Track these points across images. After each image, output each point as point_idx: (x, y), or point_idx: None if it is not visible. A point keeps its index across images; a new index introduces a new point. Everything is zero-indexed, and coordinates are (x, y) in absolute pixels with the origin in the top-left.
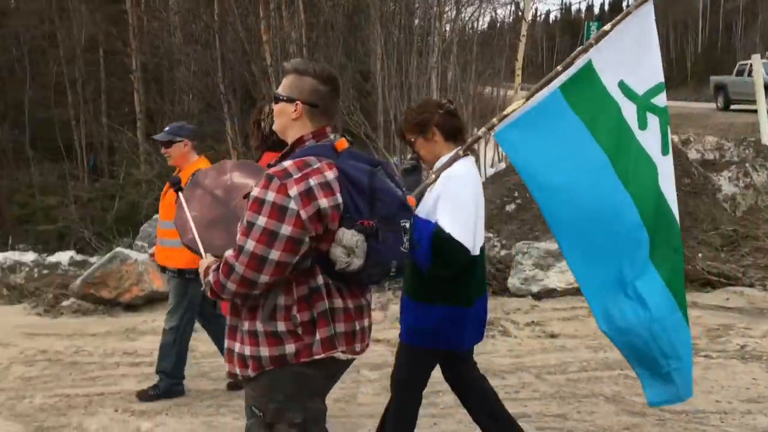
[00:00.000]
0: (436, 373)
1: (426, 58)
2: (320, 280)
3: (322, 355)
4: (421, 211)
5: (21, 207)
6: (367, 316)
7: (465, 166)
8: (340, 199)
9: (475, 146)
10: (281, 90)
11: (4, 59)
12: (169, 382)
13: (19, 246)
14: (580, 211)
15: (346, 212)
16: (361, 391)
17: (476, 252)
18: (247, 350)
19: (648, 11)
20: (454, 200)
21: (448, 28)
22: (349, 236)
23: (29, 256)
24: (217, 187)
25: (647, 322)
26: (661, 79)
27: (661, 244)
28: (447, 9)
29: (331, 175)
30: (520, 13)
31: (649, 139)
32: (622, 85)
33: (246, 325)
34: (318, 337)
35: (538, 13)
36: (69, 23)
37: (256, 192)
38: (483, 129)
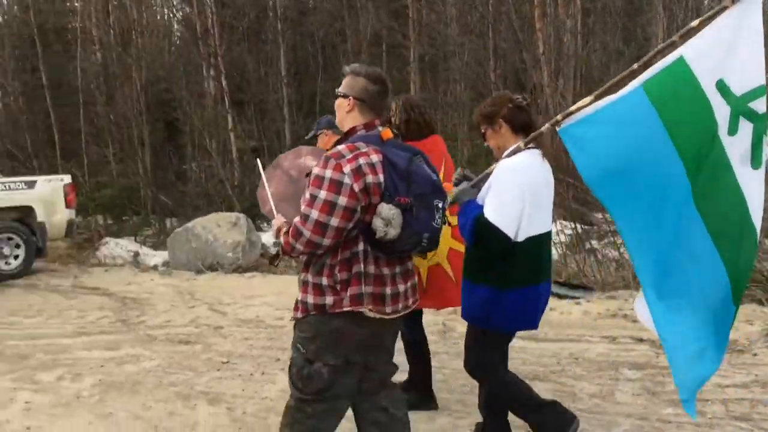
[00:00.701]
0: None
1: None
2: (360, 246)
3: (349, 308)
4: (480, 197)
5: None
6: (401, 284)
7: (523, 158)
8: (381, 178)
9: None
10: (340, 88)
11: (301, 55)
12: None
13: None
14: (645, 221)
15: (386, 190)
16: (619, 389)
17: (519, 239)
18: (300, 296)
19: (752, 5)
20: (500, 189)
21: None
22: (387, 210)
23: None
24: (292, 168)
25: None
26: (763, 81)
27: (734, 263)
28: None
29: (375, 158)
30: None
31: (736, 147)
32: (721, 85)
33: (302, 276)
34: (348, 293)
35: None
36: (356, 20)
37: (316, 171)
38: (547, 125)
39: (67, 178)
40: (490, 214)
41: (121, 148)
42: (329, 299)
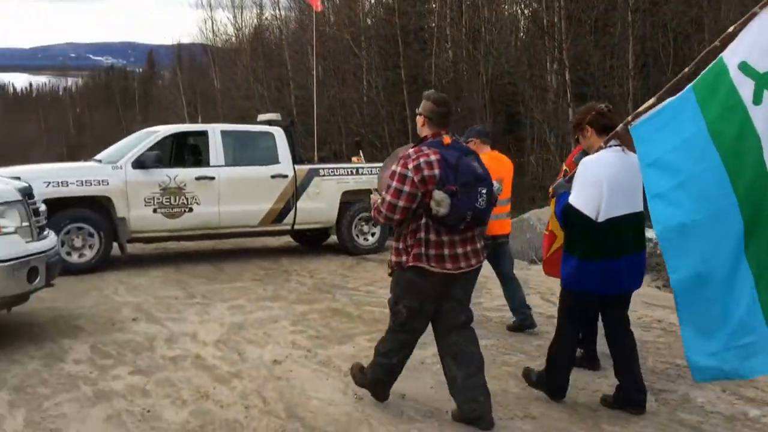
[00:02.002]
0: None
1: None
2: (423, 220)
3: (412, 264)
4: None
5: None
6: (459, 248)
7: (601, 154)
8: (436, 172)
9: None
10: (419, 108)
11: (650, 47)
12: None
13: None
14: (689, 220)
15: (440, 180)
16: None
17: (599, 219)
18: (389, 256)
19: None
20: (581, 179)
21: None
22: (438, 194)
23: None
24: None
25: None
26: None
27: (760, 241)
28: None
29: (433, 157)
30: None
31: (762, 114)
32: (743, 66)
33: (393, 241)
34: (412, 253)
35: None
36: (717, 7)
37: (394, 167)
38: (621, 125)
39: None
40: (573, 200)
41: (464, 141)
42: (403, 258)
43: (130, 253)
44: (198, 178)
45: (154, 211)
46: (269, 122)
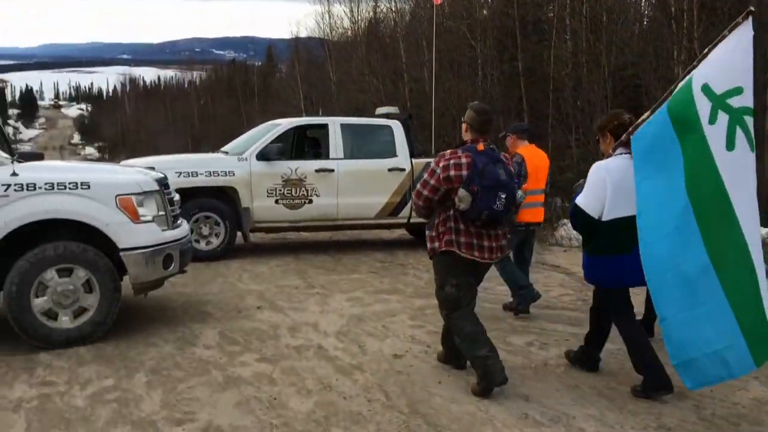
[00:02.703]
0: None
1: None
2: (451, 212)
3: (444, 248)
4: None
5: None
6: (486, 241)
7: (610, 160)
8: (464, 173)
9: None
10: (464, 116)
11: None
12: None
13: None
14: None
15: (466, 180)
16: None
17: (604, 219)
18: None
19: (746, 28)
20: (588, 181)
21: None
22: (461, 192)
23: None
24: None
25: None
26: (742, 84)
27: (719, 240)
28: None
29: (464, 160)
30: None
31: (715, 134)
32: (705, 88)
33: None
34: (444, 239)
35: None
36: None
37: (431, 163)
38: (624, 135)
39: None
40: (580, 200)
41: (584, 134)
42: (437, 244)
43: (251, 242)
44: (318, 171)
45: (276, 201)
46: (387, 115)
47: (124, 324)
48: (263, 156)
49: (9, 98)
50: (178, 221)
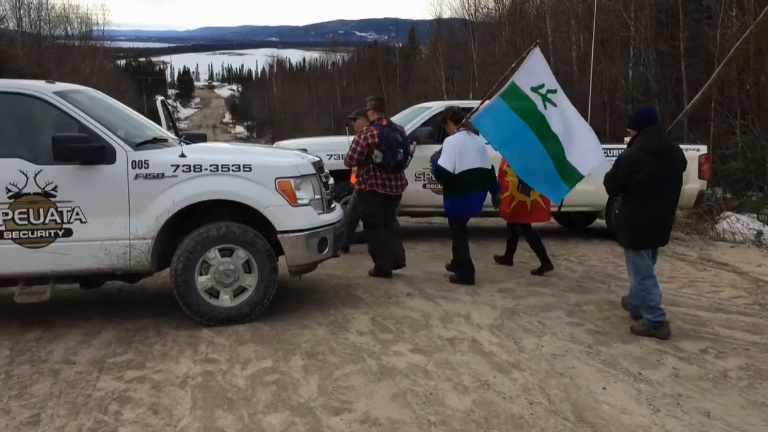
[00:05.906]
0: None
1: None
2: (371, 165)
3: (368, 189)
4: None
5: None
6: (395, 182)
7: (455, 135)
8: (376, 140)
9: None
10: (366, 106)
11: None
12: None
13: None
14: (522, 157)
15: (378, 145)
16: None
17: (456, 172)
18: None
19: (536, 52)
20: (444, 150)
21: None
22: (376, 152)
23: None
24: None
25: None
26: (544, 81)
27: (550, 147)
28: None
29: (375, 131)
30: None
31: (552, 115)
32: (533, 89)
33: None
34: (368, 182)
35: None
36: None
37: (355, 137)
38: (465, 118)
39: (704, 149)
40: (442, 161)
41: (752, 120)
42: (362, 186)
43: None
44: None
45: (424, 186)
46: None
47: (277, 305)
48: (413, 139)
49: (168, 79)
50: (333, 205)
